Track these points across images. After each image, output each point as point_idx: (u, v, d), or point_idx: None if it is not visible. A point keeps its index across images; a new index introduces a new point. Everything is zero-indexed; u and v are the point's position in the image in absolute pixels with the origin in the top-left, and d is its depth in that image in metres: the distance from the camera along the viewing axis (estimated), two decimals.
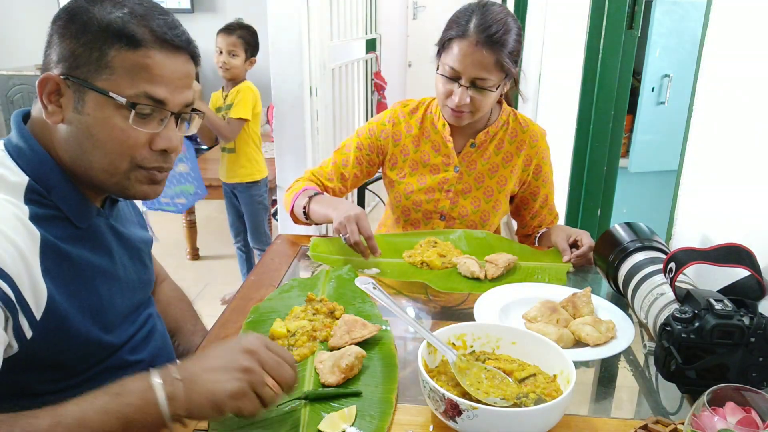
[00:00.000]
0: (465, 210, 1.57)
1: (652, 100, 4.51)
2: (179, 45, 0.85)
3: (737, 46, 1.20)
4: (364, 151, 1.60)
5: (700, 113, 1.33)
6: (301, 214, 1.46)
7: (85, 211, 0.89)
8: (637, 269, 1.11)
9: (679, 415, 0.89)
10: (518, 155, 1.56)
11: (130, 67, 0.82)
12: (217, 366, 0.75)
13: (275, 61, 2.74)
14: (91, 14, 0.81)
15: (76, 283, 0.86)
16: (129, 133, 0.83)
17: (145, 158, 0.86)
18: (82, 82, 0.81)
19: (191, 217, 3.56)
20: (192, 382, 0.73)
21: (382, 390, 0.90)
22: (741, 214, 1.15)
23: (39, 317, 0.78)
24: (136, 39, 0.81)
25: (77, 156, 0.85)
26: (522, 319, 1.11)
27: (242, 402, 0.74)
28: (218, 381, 0.74)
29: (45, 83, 0.82)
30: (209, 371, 0.75)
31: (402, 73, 5.97)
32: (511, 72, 1.41)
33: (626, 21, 2.09)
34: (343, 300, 1.16)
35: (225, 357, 0.76)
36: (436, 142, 1.57)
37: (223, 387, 0.73)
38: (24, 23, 4.93)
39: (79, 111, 0.82)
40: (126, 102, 0.82)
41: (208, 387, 0.73)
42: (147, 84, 0.82)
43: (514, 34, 1.39)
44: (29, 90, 4.46)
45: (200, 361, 0.77)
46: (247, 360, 0.76)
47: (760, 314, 0.86)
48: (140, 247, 1.05)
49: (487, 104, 1.44)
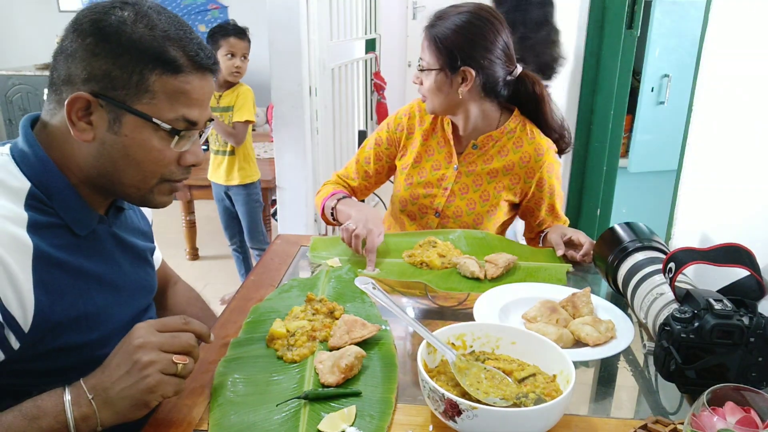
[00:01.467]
0: (459, 210, 1.57)
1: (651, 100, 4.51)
2: (209, 67, 0.88)
3: (737, 45, 1.20)
4: (383, 145, 1.66)
5: (699, 113, 1.33)
6: (330, 216, 1.55)
7: (86, 219, 0.89)
8: (637, 269, 1.11)
9: (678, 415, 0.89)
10: (521, 166, 1.54)
11: (170, 92, 0.84)
12: (122, 373, 0.77)
13: (275, 60, 2.74)
14: (127, 35, 0.81)
15: (72, 293, 0.86)
16: (165, 153, 0.87)
17: (173, 173, 0.90)
18: (120, 105, 0.82)
19: (191, 217, 3.56)
20: (105, 397, 0.76)
21: (381, 390, 0.90)
22: (741, 214, 1.15)
23: (27, 330, 0.79)
24: (177, 65, 0.83)
25: (107, 172, 0.87)
26: (522, 319, 1.11)
27: (162, 389, 0.77)
28: (130, 386, 0.76)
29: (75, 102, 0.81)
30: (118, 381, 0.77)
31: (402, 73, 5.97)
32: (446, 61, 1.44)
33: (626, 21, 2.09)
34: (342, 300, 1.16)
35: (125, 362, 0.78)
36: (441, 139, 1.60)
37: (137, 388, 0.76)
38: (23, 23, 4.93)
39: (115, 132, 0.84)
40: (170, 129, 0.85)
41: (125, 395, 0.76)
42: (185, 108, 0.86)
43: (461, 28, 1.43)
44: (28, 90, 4.46)
45: (105, 375, 0.78)
46: (145, 354, 0.77)
47: (760, 314, 0.86)
48: (144, 253, 1.06)
49: (428, 87, 1.48)
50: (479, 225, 1.57)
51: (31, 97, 4.45)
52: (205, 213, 4.32)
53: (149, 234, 1.13)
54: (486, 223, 1.58)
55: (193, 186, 3.42)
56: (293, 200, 2.92)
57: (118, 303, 0.95)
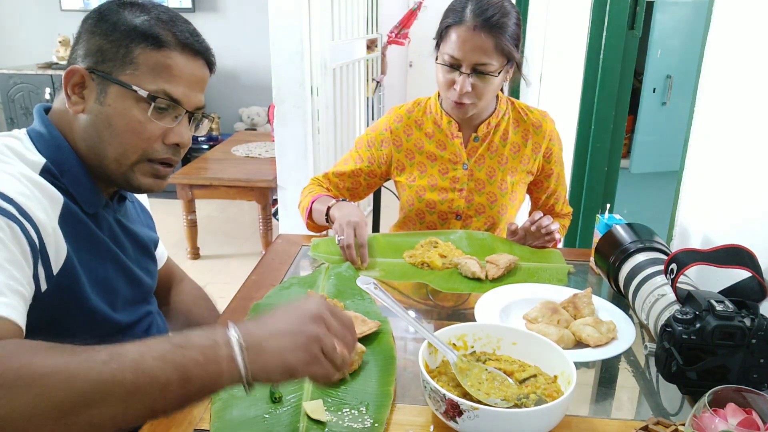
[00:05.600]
0: (482, 207, 1.55)
1: (653, 100, 4.51)
2: (199, 50, 0.92)
3: (739, 46, 1.20)
4: (364, 162, 1.58)
5: (701, 114, 1.33)
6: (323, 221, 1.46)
7: (95, 199, 0.93)
8: (638, 270, 1.11)
9: (679, 416, 0.88)
10: (525, 144, 1.55)
11: (152, 64, 0.88)
12: (286, 331, 0.71)
13: (276, 60, 2.74)
14: (121, 16, 0.88)
15: (91, 255, 0.90)
16: (145, 125, 0.89)
17: (156, 151, 0.92)
18: (106, 75, 0.87)
19: (192, 217, 3.56)
20: (259, 348, 0.68)
21: (381, 383, 0.91)
22: (742, 216, 1.15)
23: (56, 272, 0.82)
24: (161, 40, 0.89)
25: (94, 144, 0.90)
26: (523, 319, 1.11)
27: (315, 368, 0.71)
28: (289, 348, 0.70)
29: (71, 75, 0.88)
30: (278, 336, 0.70)
31: (402, 73, 5.97)
32: (513, 56, 1.39)
33: (627, 22, 2.09)
34: (342, 297, 1.16)
35: (293, 322, 0.72)
36: (440, 140, 1.55)
37: (295, 355, 0.69)
38: (25, 23, 4.94)
39: (101, 102, 0.88)
40: (147, 95, 0.87)
41: (278, 354, 0.69)
42: (166, 83, 0.89)
43: (513, 18, 1.37)
44: (30, 89, 4.46)
45: (266, 324, 0.72)
46: (317, 326, 0.72)
47: (762, 315, 0.86)
48: (147, 244, 1.08)
49: (490, 91, 1.42)
50: (503, 215, 1.57)
51: (33, 96, 4.44)
52: (207, 212, 4.33)
53: (151, 226, 1.16)
54: (510, 211, 1.58)
55: (194, 185, 3.43)
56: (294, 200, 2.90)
57: (125, 282, 0.99)
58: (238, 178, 3.39)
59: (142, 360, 0.63)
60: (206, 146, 4.59)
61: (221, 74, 4.93)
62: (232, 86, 4.91)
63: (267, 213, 3.45)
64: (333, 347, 0.72)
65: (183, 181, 3.41)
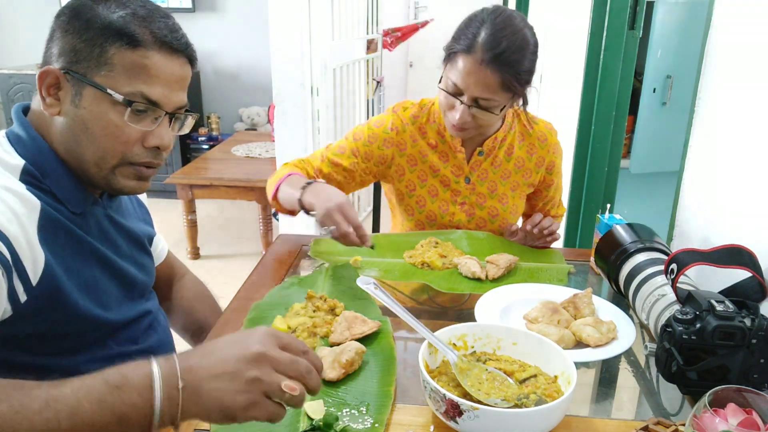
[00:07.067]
0: (483, 221, 1.53)
1: (653, 100, 4.51)
2: (178, 48, 0.87)
3: (739, 46, 1.20)
4: (360, 158, 1.48)
5: (702, 114, 1.33)
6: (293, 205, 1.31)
7: (80, 198, 0.90)
8: (639, 270, 1.11)
9: (680, 416, 0.88)
10: (530, 159, 1.53)
11: (128, 65, 0.84)
12: (224, 372, 0.66)
13: (277, 60, 2.74)
14: (95, 12, 0.84)
15: (74, 259, 0.87)
16: (123, 129, 0.86)
17: (136, 154, 0.89)
18: (80, 77, 0.84)
19: (192, 217, 3.56)
20: (197, 389, 0.65)
21: (381, 383, 0.91)
22: (743, 216, 1.15)
23: (35, 283, 0.80)
24: (137, 39, 0.84)
25: (71, 148, 0.87)
26: (523, 319, 1.11)
27: (256, 412, 0.66)
28: (226, 391, 0.65)
29: (45, 76, 0.85)
30: (216, 378, 0.66)
31: (403, 74, 5.97)
32: (519, 93, 1.33)
33: (628, 22, 2.09)
34: (342, 297, 1.16)
35: (233, 363, 0.66)
36: (444, 152, 1.50)
37: (233, 399, 0.65)
38: (25, 22, 4.94)
39: (76, 105, 0.85)
40: (123, 99, 0.84)
41: (216, 396, 0.65)
42: (143, 84, 0.85)
43: (528, 53, 1.28)
44: (30, 89, 4.46)
45: (206, 361, 0.67)
46: (257, 368, 0.66)
47: (762, 316, 0.86)
48: (141, 239, 1.06)
49: (491, 122, 1.37)
50: (504, 228, 1.54)
51: (33, 96, 4.45)
52: (207, 212, 4.33)
53: (148, 220, 1.13)
54: (512, 222, 1.56)
55: (194, 185, 3.43)
56: None
57: (116, 282, 0.96)
58: (239, 178, 3.39)
59: (79, 406, 0.62)
60: (206, 146, 4.59)
61: (221, 74, 4.94)
62: (232, 86, 4.91)
63: (267, 213, 3.45)
64: (277, 388, 0.66)
65: (183, 181, 3.41)
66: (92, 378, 0.64)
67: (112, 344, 0.95)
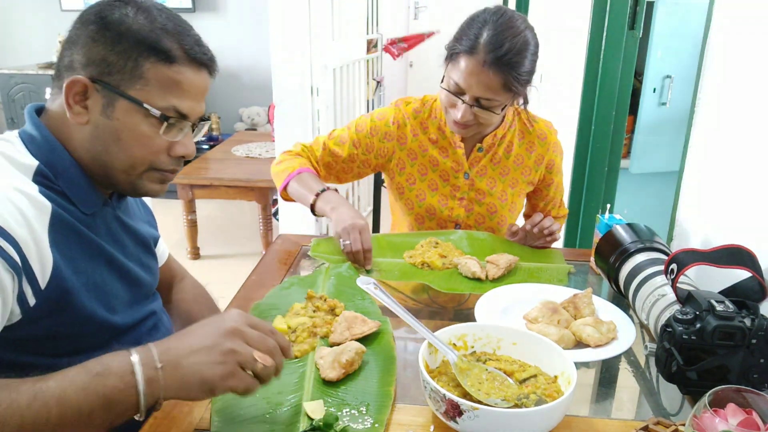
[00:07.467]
0: (481, 217, 1.54)
1: (653, 100, 4.51)
2: (205, 62, 0.91)
3: (739, 46, 1.20)
4: (360, 149, 1.52)
5: (701, 114, 1.33)
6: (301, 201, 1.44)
7: (92, 199, 0.92)
8: (639, 270, 1.11)
9: (680, 416, 0.89)
10: (529, 156, 1.54)
11: (163, 80, 0.87)
12: (201, 347, 0.74)
13: (276, 60, 2.74)
14: (127, 25, 0.85)
15: (83, 260, 0.89)
16: (155, 140, 0.89)
17: (163, 162, 0.92)
18: (114, 89, 0.85)
19: (192, 217, 3.56)
20: (176, 366, 0.72)
21: (381, 383, 0.91)
22: (743, 216, 1.15)
23: (44, 286, 0.81)
24: (171, 55, 0.86)
25: (99, 155, 0.89)
26: (523, 319, 1.11)
27: (233, 381, 0.73)
28: (205, 363, 0.72)
29: (73, 85, 0.85)
30: (194, 353, 0.73)
31: (403, 74, 5.97)
32: (520, 94, 1.35)
33: (628, 22, 2.09)
34: (342, 297, 1.16)
35: (208, 338, 0.75)
36: (444, 147, 1.52)
37: (212, 370, 0.72)
38: (25, 23, 4.94)
39: (107, 116, 0.87)
40: (160, 114, 0.87)
41: (195, 370, 0.72)
42: (176, 99, 0.88)
43: (530, 54, 1.29)
44: (30, 89, 4.47)
45: (182, 341, 0.75)
46: (231, 341, 0.74)
47: (762, 316, 0.86)
48: (147, 240, 1.08)
49: (492, 121, 1.39)
50: (503, 226, 1.56)
51: (34, 96, 4.45)
52: (207, 212, 4.33)
53: (152, 222, 1.16)
54: (510, 220, 1.57)
55: (194, 185, 3.43)
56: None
57: (124, 283, 0.98)
58: (239, 178, 3.39)
59: (64, 395, 0.67)
60: (206, 146, 4.59)
61: (221, 74, 4.87)
62: (232, 86, 4.90)
63: (267, 213, 3.45)
64: (251, 358, 0.75)
65: (183, 181, 3.41)
66: (74, 369, 0.70)
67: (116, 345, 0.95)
